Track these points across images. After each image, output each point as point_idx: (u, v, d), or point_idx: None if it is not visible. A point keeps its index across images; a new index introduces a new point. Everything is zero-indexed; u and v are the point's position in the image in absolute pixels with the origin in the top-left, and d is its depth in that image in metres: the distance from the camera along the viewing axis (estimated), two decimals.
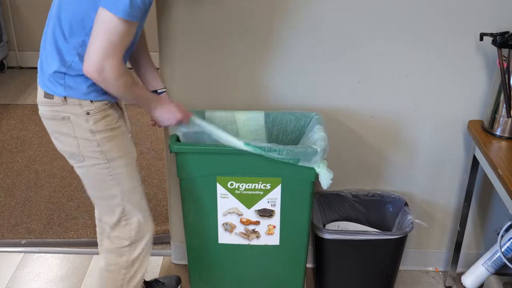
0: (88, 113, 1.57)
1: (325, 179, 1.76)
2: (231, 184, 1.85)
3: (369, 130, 2.10)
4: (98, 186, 1.68)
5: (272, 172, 1.82)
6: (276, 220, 1.91)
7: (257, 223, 1.92)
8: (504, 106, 1.83)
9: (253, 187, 1.85)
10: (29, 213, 2.74)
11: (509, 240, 2.07)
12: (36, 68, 1.68)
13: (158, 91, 1.82)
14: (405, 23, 1.90)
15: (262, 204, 1.88)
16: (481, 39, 1.83)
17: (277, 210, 1.89)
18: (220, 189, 1.86)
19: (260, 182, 1.84)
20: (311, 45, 1.95)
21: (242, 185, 1.85)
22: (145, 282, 2.17)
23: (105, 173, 1.64)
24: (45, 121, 1.65)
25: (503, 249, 2.07)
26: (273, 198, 1.87)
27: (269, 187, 1.84)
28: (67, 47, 1.51)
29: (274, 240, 1.95)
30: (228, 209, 1.90)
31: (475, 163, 2.01)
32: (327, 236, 2.01)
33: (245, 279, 2.07)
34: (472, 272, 2.23)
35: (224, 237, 1.96)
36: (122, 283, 1.78)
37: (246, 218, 1.91)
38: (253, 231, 1.94)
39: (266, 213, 1.89)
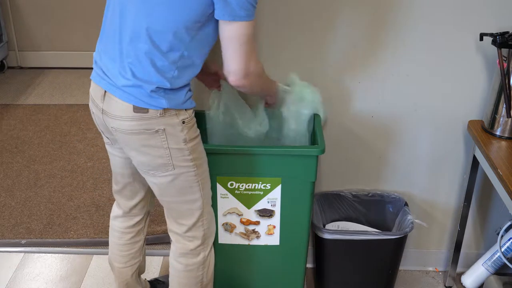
0: (183, 122, 1.55)
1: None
2: (231, 184, 1.85)
3: (369, 130, 2.10)
4: (183, 192, 1.67)
5: (272, 172, 1.82)
6: (276, 220, 1.91)
7: (257, 223, 1.92)
8: (504, 106, 1.83)
9: (253, 187, 1.85)
10: (29, 213, 2.74)
11: (509, 240, 2.07)
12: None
13: None
14: (405, 23, 1.90)
15: (262, 204, 1.88)
16: (481, 39, 1.83)
17: (277, 210, 1.89)
18: (220, 189, 1.86)
19: (260, 182, 1.84)
20: (310, 45, 1.95)
21: (242, 185, 1.85)
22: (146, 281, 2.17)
23: (193, 180, 1.64)
24: (130, 136, 1.55)
25: (503, 249, 2.07)
26: (273, 198, 1.87)
27: (269, 187, 1.84)
28: (166, 63, 1.47)
29: (274, 240, 1.95)
30: (228, 209, 1.90)
31: (475, 163, 2.01)
32: (327, 236, 2.01)
33: (245, 279, 2.07)
34: (472, 272, 2.23)
35: (224, 237, 1.96)
36: (202, 277, 1.82)
37: (246, 218, 1.91)
38: (253, 231, 1.94)
39: (266, 213, 1.89)
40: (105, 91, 1.54)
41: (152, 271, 2.36)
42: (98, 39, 1.60)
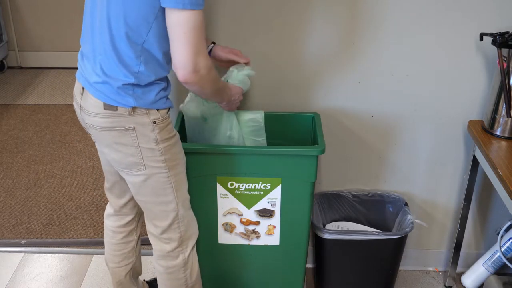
0: (154, 122, 1.55)
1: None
2: (231, 184, 1.85)
3: (369, 130, 2.10)
4: (156, 193, 1.66)
5: (272, 172, 1.82)
6: (276, 220, 1.91)
7: (257, 223, 1.92)
8: (504, 106, 1.83)
9: (253, 187, 1.85)
10: (29, 213, 2.74)
11: (509, 240, 2.07)
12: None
13: (209, 47, 1.81)
14: (405, 23, 1.90)
15: (262, 204, 1.88)
16: (481, 39, 1.83)
17: (277, 210, 1.89)
18: (220, 189, 1.86)
19: (260, 182, 1.84)
20: (311, 45, 1.95)
21: (242, 185, 1.85)
22: (145, 282, 2.17)
23: (166, 181, 1.64)
24: (102, 133, 1.58)
25: (503, 249, 2.07)
26: (273, 198, 1.87)
27: (269, 187, 1.84)
28: (130, 56, 1.47)
29: (274, 240, 1.95)
30: (228, 209, 1.90)
31: (475, 163, 2.01)
32: (327, 236, 2.01)
33: (245, 279, 2.07)
34: (472, 272, 2.23)
35: (224, 237, 1.96)
36: (186, 279, 1.81)
37: (246, 218, 1.91)
38: (253, 231, 1.94)
39: (266, 213, 1.89)
40: (83, 88, 1.57)
41: (151, 271, 2.36)
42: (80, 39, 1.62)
